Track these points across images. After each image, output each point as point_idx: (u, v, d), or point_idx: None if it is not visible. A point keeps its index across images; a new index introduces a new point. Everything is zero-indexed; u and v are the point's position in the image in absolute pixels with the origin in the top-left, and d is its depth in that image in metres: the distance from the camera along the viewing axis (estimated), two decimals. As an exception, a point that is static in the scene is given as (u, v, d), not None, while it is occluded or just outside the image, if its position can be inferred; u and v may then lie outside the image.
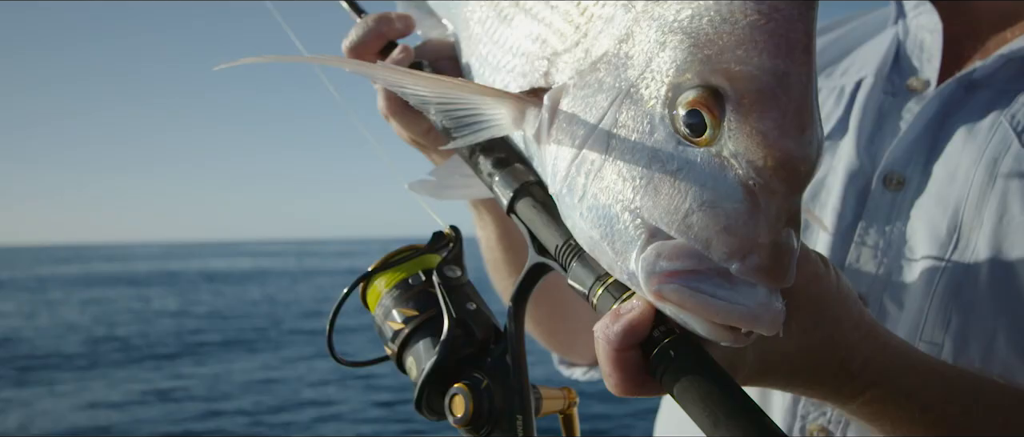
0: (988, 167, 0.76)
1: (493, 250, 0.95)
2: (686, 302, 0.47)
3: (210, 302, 21.26)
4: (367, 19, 0.79)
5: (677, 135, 0.49)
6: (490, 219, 0.93)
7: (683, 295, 0.47)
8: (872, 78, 0.89)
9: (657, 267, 0.48)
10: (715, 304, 0.47)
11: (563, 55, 0.58)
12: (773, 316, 0.48)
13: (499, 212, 0.90)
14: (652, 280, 0.48)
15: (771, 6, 0.49)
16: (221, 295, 23.57)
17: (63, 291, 24.87)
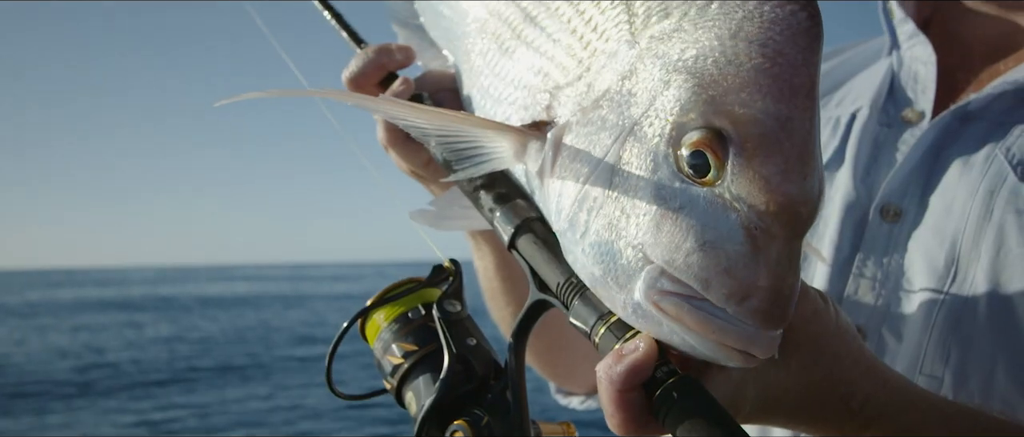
0: (984, 200, 0.76)
1: (491, 280, 0.95)
2: (684, 316, 0.48)
3: (203, 327, 21.07)
4: (367, 50, 0.80)
5: (680, 174, 0.50)
6: (488, 250, 0.93)
7: (682, 309, 0.48)
8: (867, 109, 0.90)
9: (659, 284, 0.49)
10: (713, 321, 0.48)
11: (565, 88, 0.59)
12: (769, 339, 0.48)
13: (497, 243, 0.90)
14: (652, 293, 0.49)
15: (776, 50, 0.50)
16: (214, 320, 23.37)
17: (54, 316, 24.62)
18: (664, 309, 0.48)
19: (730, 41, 0.50)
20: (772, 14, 0.51)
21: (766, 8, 0.51)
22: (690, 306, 0.48)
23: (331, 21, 0.87)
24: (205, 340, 18.00)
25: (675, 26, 0.53)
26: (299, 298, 33.64)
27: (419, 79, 0.80)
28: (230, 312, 26.93)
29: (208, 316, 25.28)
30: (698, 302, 0.48)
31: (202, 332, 19.93)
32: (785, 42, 0.50)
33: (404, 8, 0.87)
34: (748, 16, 0.51)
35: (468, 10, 0.74)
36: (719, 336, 0.48)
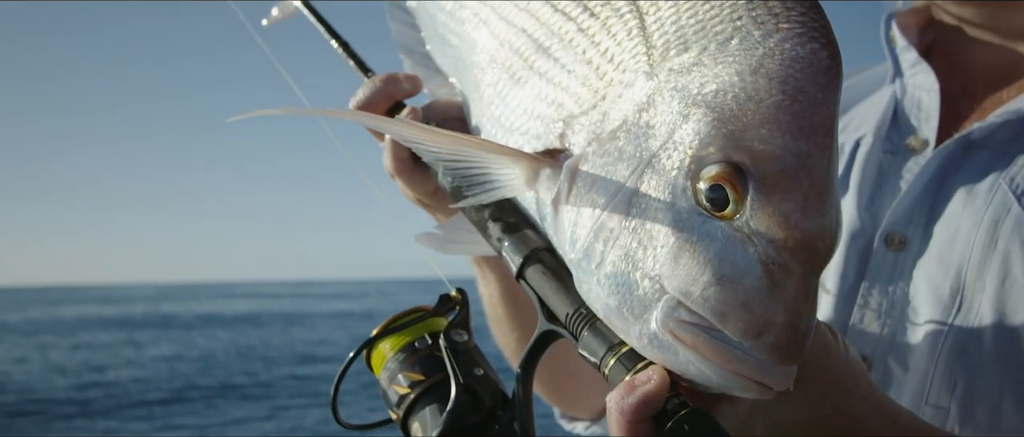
0: (989, 230, 0.77)
1: (496, 307, 0.95)
2: (702, 345, 0.48)
3: (204, 345, 20.99)
4: (375, 79, 0.81)
5: (699, 207, 0.50)
6: (493, 277, 0.93)
7: (699, 338, 0.48)
8: (871, 137, 0.91)
9: (676, 313, 0.49)
10: (730, 351, 0.48)
11: (579, 117, 0.59)
12: (785, 372, 0.48)
13: (502, 270, 0.90)
14: (668, 322, 0.49)
15: (796, 88, 0.50)
16: (215, 339, 23.28)
17: (55, 334, 24.54)
18: (680, 337, 0.49)
19: (750, 77, 0.51)
20: (793, 52, 0.52)
21: (787, 46, 0.52)
22: (707, 335, 0.48)
23: (338, 50, 0.88)
24: (205, 358, 17.93)
25: (694, 60, 0.54)
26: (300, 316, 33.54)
27: (426, 108, 0.80)
28: (231, 330, 26.84)
29: (209, 334, 25.19)
30: (715, 332, 0.48)
31: (202, 350, 19.85)
32: (805, 80, 0.51)
33: (410, 36, 0.88)
34: (768, 53, 0.52)
35: (477, 40, 0.74)
36: (736, 366, 0.48)
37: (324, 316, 34.32)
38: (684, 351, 0.49)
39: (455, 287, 0.74)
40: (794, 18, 0.53)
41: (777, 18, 0.53)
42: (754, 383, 0.48)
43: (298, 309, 39.61)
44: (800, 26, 0.53)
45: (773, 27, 0.53)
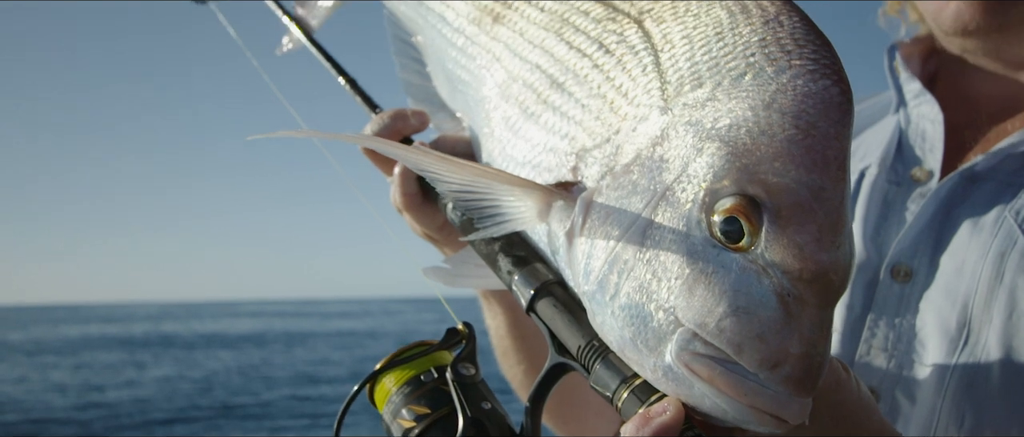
0: (995, 263, 0.77)
1: (503, 339, 0.95)
2: (717, 379, 0.48)
3: (205, 365, 20.91)
4: (383, 115, 0.81)
5: (713, 239, 0.51)
6: (500, 309, 0.93)
7: (714, 371, 0.48)
8: (876, 167, 0.91)
9: (691, 346, 0.49)
10: (746, 384, 0.48)
11: (592, 151, 0.60)
12: (800, 405, 0.48)
13: (509, 301, 0.90)
14: (683, 355, 0.49)
15: (809, 123, 0.51)
16: (217, 358, 23.21)
17: (57, 354, 24.49)
18: (696, 371, 0.49)
19: (764, 112, 0.52)
20: (805, 88, 0.52)
21: (799, 82, 0.53)
22: (723, 368, 0.48)
23: (346, 86, 0.89)
24: (207, 378, 17.85)
25: (708, 95, 0.54)
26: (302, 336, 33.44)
27: (434, 143, 0.81)
28: (233, 349, 26.75)
29: (211, 354, 25.12)
30: (731, 365, 0.48)
31: (204, 370, 19.77)
32: (818, 115, 0.51)
33: (416, 71, 0.89)
34: (781, 89, 0.52)
35: (489, 76, 0.75)
36: (752, 400, 0.48)
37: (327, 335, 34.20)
38: (699, 384, 0.49)
39: (462, 321, 0.74)
40: (806, 55, 0.54)
41: (789, 55, 0.54)
42: (770, 416, 0.48)
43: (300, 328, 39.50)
44: (812, 63, 0.54)
45: (785, 64, 0.54)
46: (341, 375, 17.30)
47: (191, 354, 25.15)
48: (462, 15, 0.79)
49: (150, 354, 24.96)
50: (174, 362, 22.38)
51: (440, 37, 0.83)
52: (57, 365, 21.32)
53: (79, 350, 26.60)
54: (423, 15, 0.85)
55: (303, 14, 0.99)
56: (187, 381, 17.44)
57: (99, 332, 36.10)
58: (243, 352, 25.76)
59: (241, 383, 16.97)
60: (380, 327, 38.64)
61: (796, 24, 0.56)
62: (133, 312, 70.39)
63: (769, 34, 0.56)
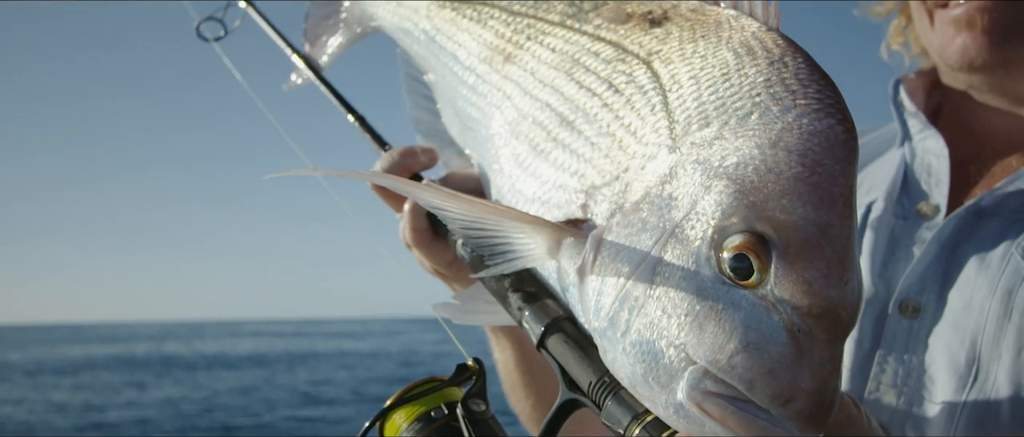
0: (1003, 299, 0.77)
1: (512, 373, 0.95)
2: (729, 418, 0.48)
3: (207, 385, 20.81)
4: (392, 152, 0.82)
5: (723, 276, 0.51)
6: (508, 343, 0.93)
7: (726, 411, 0.48)
8: (883, 201, 0.92)
9: (702, 385, 0.49)
10: (757, 422, 0.48)
11: (602, 188, 0.61)
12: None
13: (518, 335, 0.90)
14: (695, 394, 0.49)
15: (814, 160, 0.52)
16: (219, 378, 23.10)
17: (57, 374, 24.40)
18: (707, 410, 0.49)
19: (770, 150, 0.52)
20: (810, 127, 0.53)
21: (804, 121, 0.53)
22: (734, 407, 0.48)
23: (354, 123, 0.90)
24: (208, 399, 17.75)
25: (716, 134, 0.55)
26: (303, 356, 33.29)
27: (443, 180, 0.81)
28: (234, 370, 26.62)
29: (213, 374, 25.00)
30: (742, 403, 0.49)
31: (206, 390, 19.67)
32: (823, 153, 0.52)
33: (426, 108, 0.90)
34: (787, 127, 0.53)
35: (499, 113, 0.76)
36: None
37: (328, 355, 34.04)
38: (711, 424, 0.49)
39: (472, 357, 0.74)
40: (811, 94, 0.55)
41: (794, 95, 0.55)
42: None
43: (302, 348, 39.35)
44: (817, 102, 0.55)
45: (791, 103, 0.55)
46: (343, 396, 17.19)
47: (193, 374, 25.04)
48: (474, 54, 0.81)
49: (151, 374, 24.86)
50: (175, 383, 22.28)
51: (452, 75, 0.84)
52: (57, 385, 21.23)
53: (80, 370, 26.49)
54: (435, 54, 0.87)
55: (312, 51, 1.01)
56: (188, 402, 17.34)
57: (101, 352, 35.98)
58: (244, 372, 25.63)
59: (242, 404, 16.87)
60: (382, 348, 38.44)
61: (800, 64, 0.57)
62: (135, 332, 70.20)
63: (774, 74, 0.57)
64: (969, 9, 0.86)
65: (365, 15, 0.97)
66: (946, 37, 0.88)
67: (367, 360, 29.46)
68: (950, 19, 0.88)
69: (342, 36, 0.99)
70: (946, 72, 0.95)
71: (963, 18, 0.86)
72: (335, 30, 1.00)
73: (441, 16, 0.86)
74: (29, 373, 25.52)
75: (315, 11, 1.01)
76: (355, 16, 0.98)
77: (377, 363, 27.71)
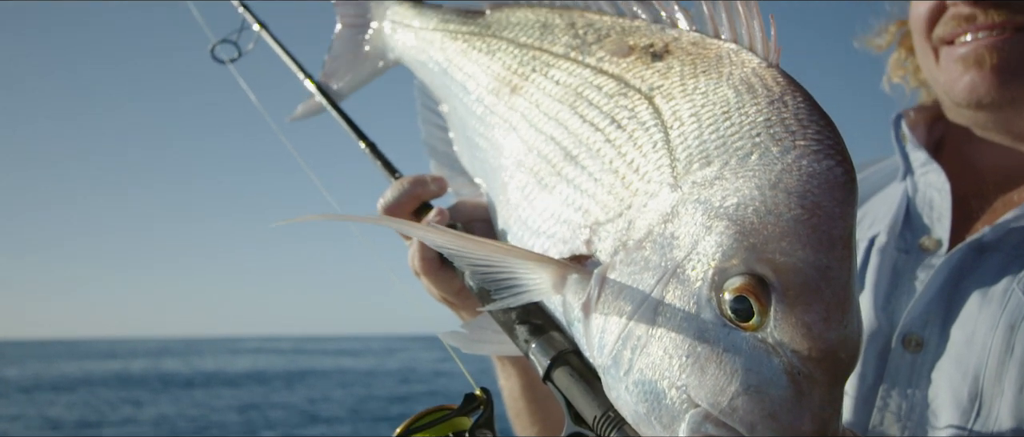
0: (1005, 335, 0.78)
1: (517, 400, 0.96)
2: None
3: (204, 403, 20.65)
4: (403, 181, 0.83)
5: (723, 318, 0.52)
6: (514, 371, 0.94)
7: None
8: (885, 235, 0.92)
9: (703, 428, 0.50)
10: None
11: (605, 225, 0.61)
12: None
13: (524, 363, 0.91)
14: None
15: (814, 202, 0.52)
16: (216, 396, 22.93)
17: (54, 391, 24.23)
18: None
19: (770, 191, 0.53)
20: (810, 168, 0.54)
21: (804, 162, 0.54)
22: None
23: (365, 150, 0.92)
24: (205, 416, 17.60)
25: (716, 174, 0.56)
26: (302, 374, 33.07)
27: (452, 209, 0.83)
28: (232, 387, 26.43)
29: (210, 392, 24.82)
30: None
31: (202, 408, 19.52)
32: (823, 195, 0.53)
33: (439, 137, 0.91)
34: (787, 169, 0.54)
35: (506, 145, 0.77)
36: None
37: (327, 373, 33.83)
38: None
39: (479, 387, 0.75)
40: (810, 135, 0.56)
41: (794, 135, 0.56)
42: None
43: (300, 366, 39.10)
44: (816, 143, 0.55)
45: (790, 144, 0.55)
46: (341, 415, 17.05)
47: (190, 392, 24.87)
48: (483, 85, 0.82)
49: (148, 391, 24.69)
50: (172, 400, 22.10)
51: (462, 106, 0.85)
52: (54, 402, 21.07)
53: (77, 386, 26.32)
54: (448, 85, 0.88)
55: (333, 82, 1.02)
56: (185, 419, 17.20)
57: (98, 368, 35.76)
58: (242, 389, 25.45)
59: (239, 422, 16.72)
60: (381, 365, 38.20)
61: (800, 104, 0.58)
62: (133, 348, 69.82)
63: (774, 114, 0.57)
64: (977, 47, 0.87)
65: (386, 48, 1.00)
66: (953, 75, 0.89)
67: (366, 378, 29.24)
68: (958, 57, 0.89)
69: (364, 68, 1.02)
70: (950, 108, 0.96)
71: (971, 56, 0.87)
72: (357, 63, 1.02)
73: (454, 48, 0.88)
74: (25, 389, 25.35)
75: (338, 44, 1.03)
76: (377, 49, 1.01)
77: (376, 381, 27.52)
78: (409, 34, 0.95)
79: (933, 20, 0.91)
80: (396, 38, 0.97)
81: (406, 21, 0.96)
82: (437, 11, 0.93)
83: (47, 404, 20.34)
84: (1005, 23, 0.86)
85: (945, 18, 0.90)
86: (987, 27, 0.87)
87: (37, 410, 18.79)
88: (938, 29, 0.91)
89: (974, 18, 0.87)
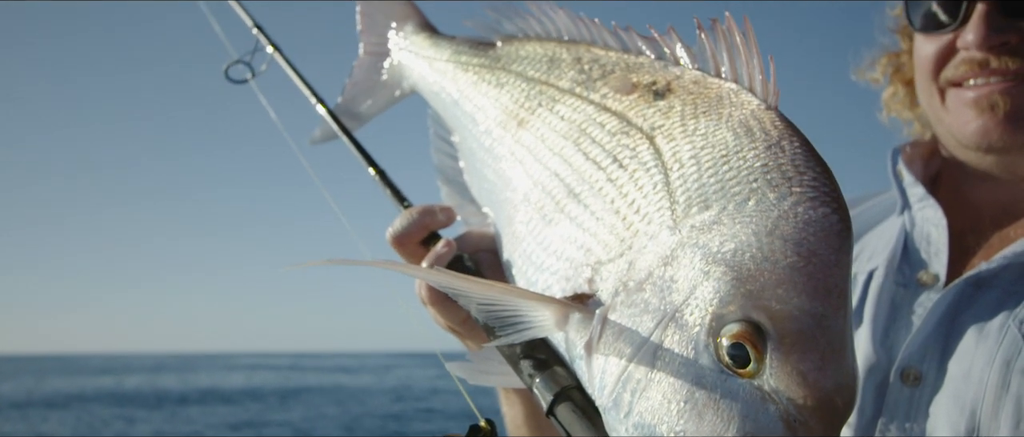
0: (1001, 371, 0.79)
1: (520, 428, 0.96)
2: None
3: (197, 419, 20.47)
4: (412, 211, 0.84)
5: (720, 364, 0.52)
6: (517, 399, 0.94)
7: None
8: (883, 270, 0.94)
9: None
10: None
11: (607, 264, 0.62)
12: None
13: (527, 393, 0.91)
14: None
15: (810, 251, 0.53)
16: (212, 413, 22.73)
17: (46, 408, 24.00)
18: None
19: (767, 238, 0.54)
20: (806, 215, 0.55)
21: (800, 209, 0.55)
22: None
23: (375, 177, 0.93)
24: (199, 433, 17.42)
25: (714, 218, 0.57)
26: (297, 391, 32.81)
27: (459, 239, 0.84)
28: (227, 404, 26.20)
29: (205, 409, 24.60)
30: None
31: (197, 424, 19.34)
32: (818, 243, 0.54)
33: (450, 166, 0.93)
34: (783, 215, 0.55)
35: (512, 177, 0.78)
36: None
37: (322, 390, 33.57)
38: None
39: (484, 418, 0.76)
40: (806, 182, 0.57)
41: (790, 182, 0.57)
42: None
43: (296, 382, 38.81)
44: (812, 190, 0.56)
45: (787, 190, 0.56)
46: (336, 433, 16.90)
47: (184, 409, 24.65)
48: (491, 118, 0.84)
49: (143, 407, 24.46)
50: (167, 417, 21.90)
51: (472, 137, 0.87)
52: (46, 418, 20.86)
53: (70, 402, 26.07)
54: (458, 115, 0.90)
55: (350, 108, 1.05)
56: None
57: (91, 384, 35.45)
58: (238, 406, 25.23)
59: None
60: (377, 383, 37.93)
61: (796, 149, 0.59)
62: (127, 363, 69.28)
63: (771, 160, 0.58)
64: (990, 93, 0.88)
65: (403, 77, 1.02)
66: (963, 118, 0.90)
67: (362, 395, 29.03)
68: (969, 101, 0.89)
69: (382, 96, 1.04)
70: (954, 147, 0.96)
71: (985, 101, 0.88)
72: (375, 90, 1.05)
73: (465, 79, 0.89)
74: (18, 405, 25.11)
75: (359, 71, 1.06)
76: (394, 78, 1.03)
77: (372, 398, 27.31)
78: (424, 64, 0.97)
79: (942, 62, 0.92)
80: (411, 68, 1.00)
81: (421, 51, 0.98)
82: (451, 42, 0.95)
83: (40, 420, 20.13)
84: (1018, 70, 0.87)
85: (955, 61, 0.91)
86: (1000, 73, 0.88)
87: (30, 426, 18.60)
88: (947, 71, 0.92)
89: (987, 63, 0.88)
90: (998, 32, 0.87)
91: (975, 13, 0.88)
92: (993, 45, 0.87)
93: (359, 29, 1.06)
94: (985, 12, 0.87)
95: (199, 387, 34.43)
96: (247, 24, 1.15)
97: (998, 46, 0.87)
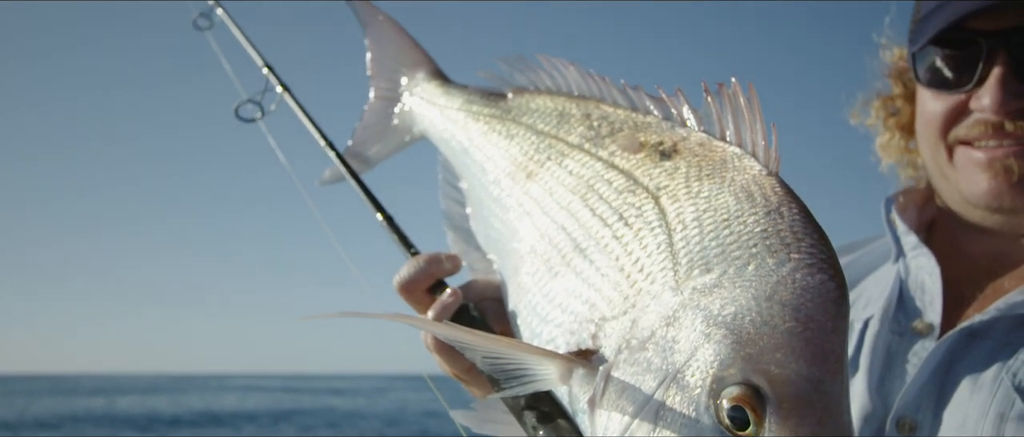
0: (995, 423, 0.80)
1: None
2: None
3: (190, 442, 20.17)
4: (419, 259, 0.86)
5: (721, 426, 0.54)
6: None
7: None
8: (879, 318, 0.95)
9: None
10: None
11: (611, 321, 0.64)
12: None
13: None
14: None
15: (807, 316, 0.55)
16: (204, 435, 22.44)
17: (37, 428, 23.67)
18: None
19: (766, 303, 0.55)
20: (804, 282, 0.56)
21: (798, 276, 0.57)
22: None
23: (383, 223, 0.94)
24: (191, 458, 17.18)
25: (715, 281, 0.58)
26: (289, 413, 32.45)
27: (465, 288, 0.85)
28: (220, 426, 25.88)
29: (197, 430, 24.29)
30: None
31: (189, 447, 19.04)
32: (816, 308, 0.55)
33: (458, 213, 0.94)
34: (781, 281, 0.56)
35: (519, 228, 0.80)
36: None
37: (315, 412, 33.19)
38: None
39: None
40: (804, 249, 0.58)
41: (789, 248, 0.58)
42: None
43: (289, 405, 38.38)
44: (810, 257, 0.58)
45: (785, 256, 0.58)
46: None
47: (176, 430, 24.34)
48: (500, 168, 0.85)
49: (134, 429, 24.15)
50: (159, 439, 21.57)
51: (480, 186, 0.89)
52: (36, 440, 20.55)
53: (62, 423, 25.74)
54: (467, 164, 0.92)
55: (360, 151, 1.06)
56: (171, 460, 16.77)
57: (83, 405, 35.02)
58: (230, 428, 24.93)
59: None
60: (370, 406, 37.55)
61: (795, 216, 0.61)
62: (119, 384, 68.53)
63: (771, 226, 0.60)
64: (1004, 155, 0.88)
65: (413, 122, 1.04)
66: (973, 177, 0.90)
67: (355, 418, 28.70)
68: (983, 162, 0.89)
69: (392, 140, 1.06)
70: (958, 203, 0.95)
71: (999, 164, 0.89)
72: (385, 134, 1.06)
73: (475, 129, 0.91)
74: (9, 426, 24.77)
75: (370, 115, 1.07)
76: (404, 123, 1.05)
77: (365, 422, 27.01)
78: (435, 111, 0.99)
79: (952, 122, 0.92)
80: (423, 114, 1.01)
81: (433, 99, 1.00)
82: (463, 91, 0.97)
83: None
84: None
85: (968, 122, 0.91)
86: (1014, 137, 0.88)
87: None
88: (958, 131, 0.92)
89: (1002, 127, 0.88)
90: (1015, 97, 0.87)
91: (992, 76, 0.88)
92: (1010, 110, 0.87)
93: (369, 74, 1.08)
94: (1002, 76, 0.87)
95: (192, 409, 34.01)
96: (257, 63, 1.17)
97: (1014, 111, 0.87)
